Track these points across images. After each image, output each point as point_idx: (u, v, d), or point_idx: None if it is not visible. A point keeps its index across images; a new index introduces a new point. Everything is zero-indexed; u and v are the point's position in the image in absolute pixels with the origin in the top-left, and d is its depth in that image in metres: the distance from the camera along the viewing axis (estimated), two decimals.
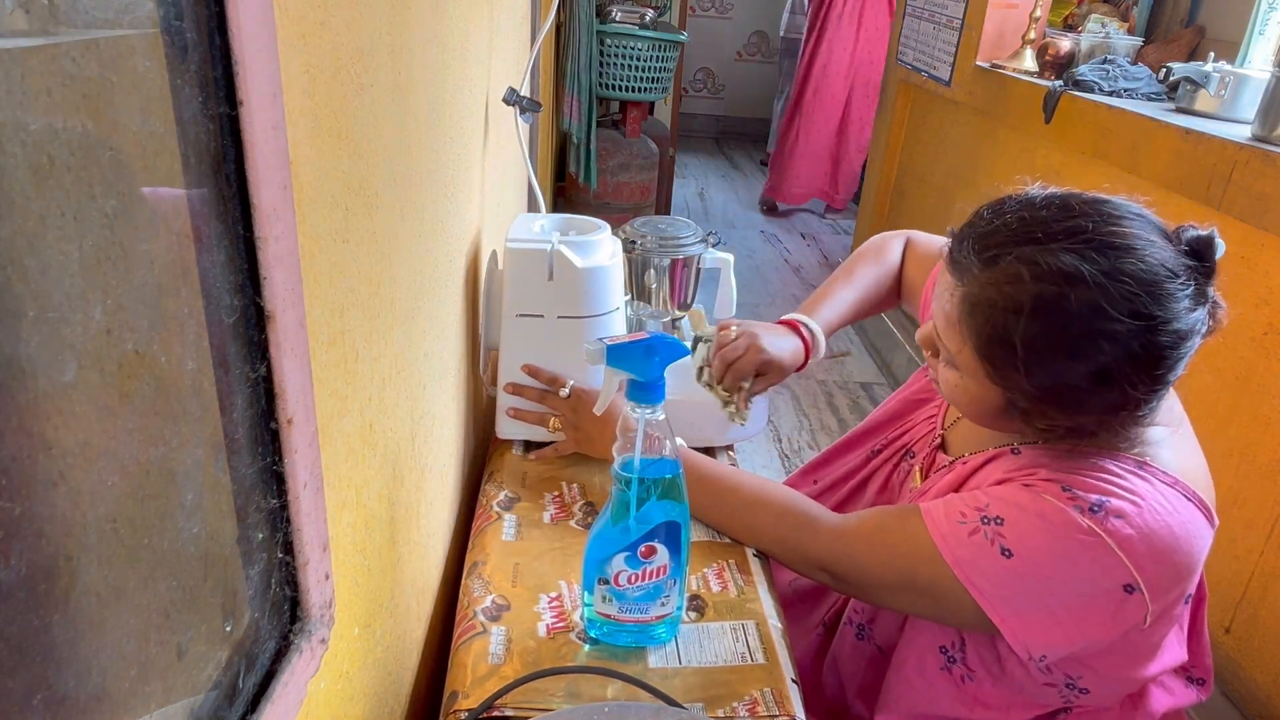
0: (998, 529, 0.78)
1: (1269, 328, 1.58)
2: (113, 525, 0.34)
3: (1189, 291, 0.73)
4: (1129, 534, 0.74)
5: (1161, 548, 0.75)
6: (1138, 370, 0.73)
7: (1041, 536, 0.76)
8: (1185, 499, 0.78)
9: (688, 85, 6.70)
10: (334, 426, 0.57)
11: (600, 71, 3.42)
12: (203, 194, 0.39)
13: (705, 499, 0.98)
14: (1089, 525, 0.74)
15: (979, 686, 0.88)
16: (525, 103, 1.23)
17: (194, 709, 0.41)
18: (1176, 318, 0.72)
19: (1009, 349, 0.75)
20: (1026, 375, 0.75)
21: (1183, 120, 1.86)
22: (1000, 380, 0.78)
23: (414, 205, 0.76)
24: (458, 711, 0.76)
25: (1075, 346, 0.73)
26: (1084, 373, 0.73)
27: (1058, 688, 0.85)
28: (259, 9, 0.39)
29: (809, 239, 4.73)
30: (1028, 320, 0.73)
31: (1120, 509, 0.75)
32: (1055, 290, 0.72)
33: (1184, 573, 0.77)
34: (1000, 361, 0.76)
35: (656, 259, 1.34)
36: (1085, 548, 0.74)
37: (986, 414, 0.83)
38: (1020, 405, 0.79)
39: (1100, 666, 0.83)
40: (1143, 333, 0.71)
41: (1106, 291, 0.71)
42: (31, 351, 0.29)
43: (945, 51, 3.00)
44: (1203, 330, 0.76)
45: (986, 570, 0.78)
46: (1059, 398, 0.76)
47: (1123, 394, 0.74)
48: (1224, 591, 1.67)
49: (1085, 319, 0.71)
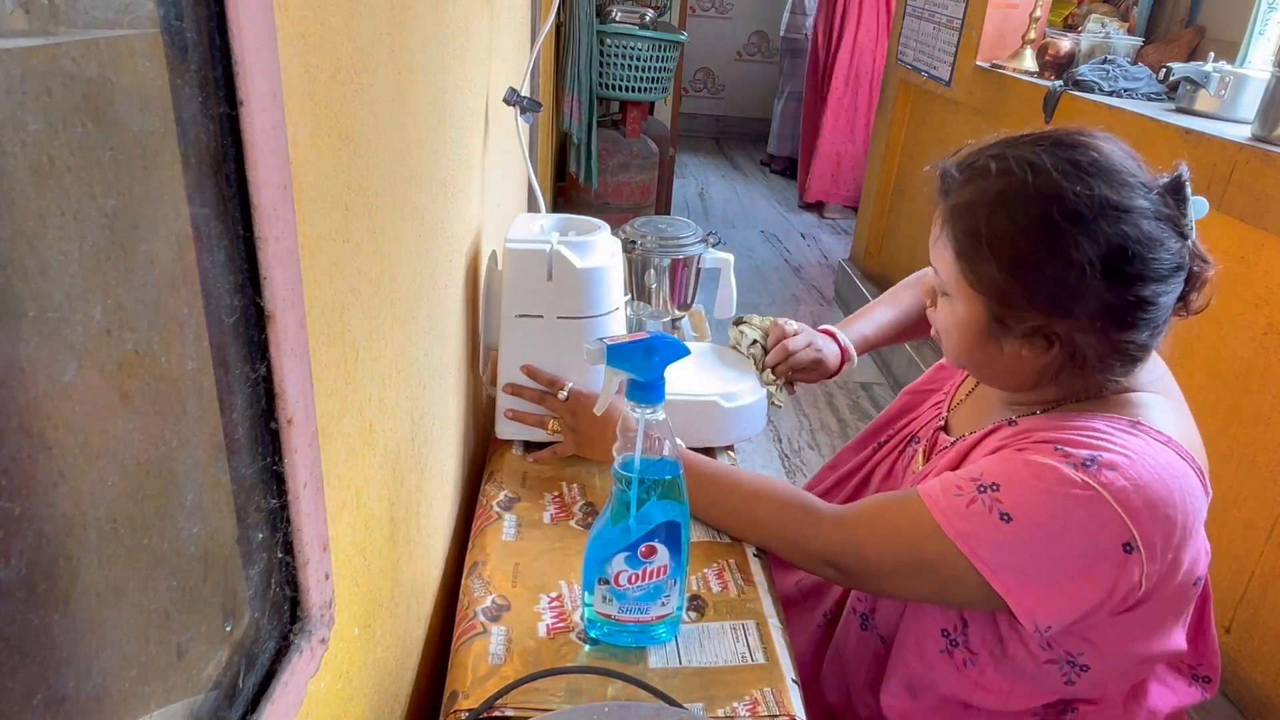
0: (994, 495, 0.78)
1: (1269, 328, 1.59)
2: (113, 525, 0.34)
3: (1155, 200, 0.76)
4: (1123, 485, 0.74)
5: (1156, 500, 0.75)
6: (1109, 270, 0.74)
7: (1037, 496, 0.76)
8: (1179, 457, 0.78)
9: (688, 85, 6.70)
10: (334, 426, 0.57)
11: (600, 71, 3.42)
12: (203, 194, 0.39)
13: (705, 497, 0.98)
14: (1083, 479, 0.75)
15: (980, 671, 0.88)
16: (525, 103, 1.23)
17: (194, 709, 0.41)
18: (1142, 215, 0.74)
19: (978, 239, 0.78)
20: (997, 264, 0.77)
21: (1183, 120, 1.86)
22: (977, 282, 0.80)
23: (414, 205, 0.76)
24: (458, 711, 0.76)
25: (1039, 231, 0.75)
26: (1051, 261, 0.75)
27: (1058, 665, 0.85)
28: (259, 9, 0.39)
29: (809, 239, 4.73)
30: (992, 207, 0.77)
31: (1113, 462, 0.75)
32: (1018, 177, 0.76)
33: (1180, 531, 0.76)
34: (973, 256, 0.79)
35: (656, 259, 1.34)
36: (1081, 503, 0.74)
37: (975, 341, 0.84)
38: (999, 314, 0.80)
39: (1101, 641, 0.83)
40: (1105, 219, 0.74)
41: (1067, 176, 0.74)
42: (31, 351, 0.29)
43: (945, 51, 3.00)
44: (1184, 266, 0.77)
45: (988, 539, 0.78)
46: (1032, 291, 0.77)
47: (1097, 297, 0.75)
48: (1224, 591, 1.67)
49: (1046, 202, 0.75)
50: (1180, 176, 0.79)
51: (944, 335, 0.88)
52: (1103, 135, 0.80)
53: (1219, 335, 1.71)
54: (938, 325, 0.89)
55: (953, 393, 1.05)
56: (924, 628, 0.92)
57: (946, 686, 0.91)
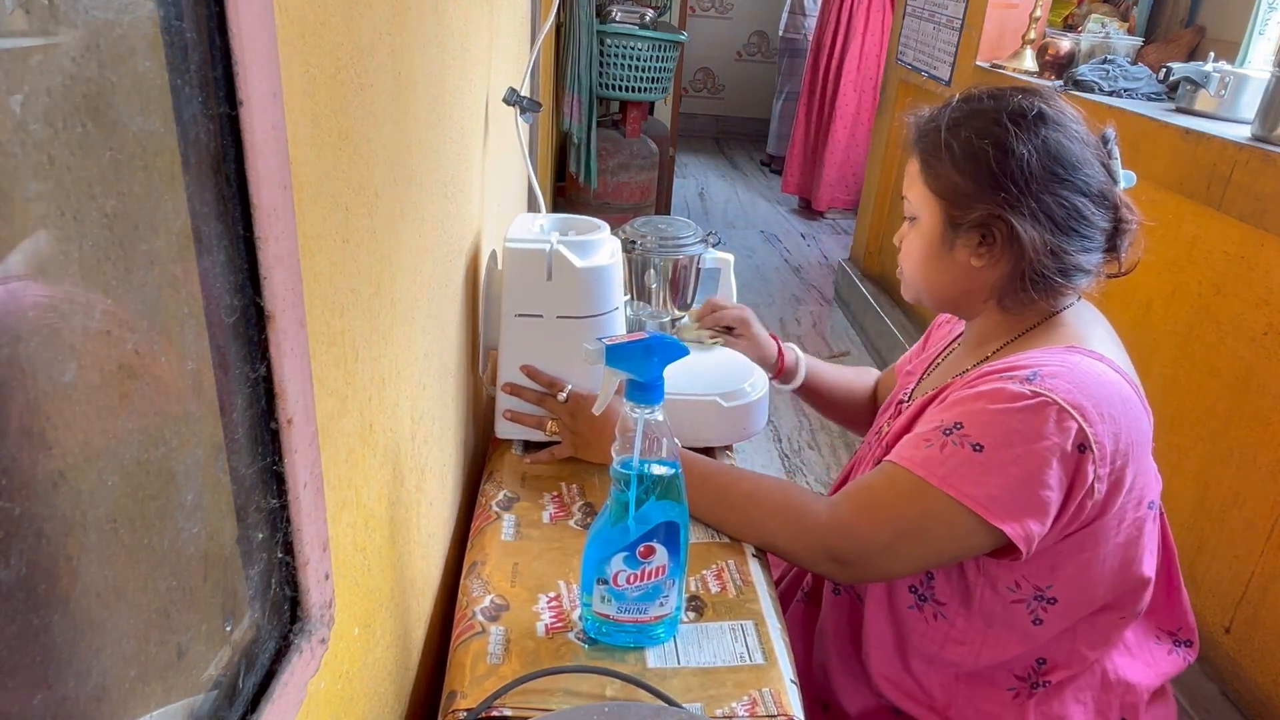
0: (961, 433, 0.84)
1: (1269, 328, 1.59)
2: (113, 525, 0.34)
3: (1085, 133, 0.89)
4: (1067, 388, 0.82)
5: (1099, 398, 0.82)
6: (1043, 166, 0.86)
7: (997, 418, 0.83)
8: (1113, 370, 0.86)
9: (688, 85, 6.70)
10: (334, 426, 0.57)
11: (600, 71, 3.42)
12: (203, 194, 0.39)
13: (701, 497, 0.98)
14: (1030, 390, 0.82)
15: (950, 623, 0.92)
16: (525, 103, 1.23)
17: (194, 709, 0.41)
18: (1073, 137, 0.87)
19: (939, 147, 0.90)
20: (952, 162, 0.89)
21: (1183, 120, 1.86)
22: (935, 184, 0.91)
23: (414, 205, 0.76)
24: (457, 711, 0.76)
25: (987, 131, 0.88)
26: (995, 154, 0.86)
27: (1025, 603, 0.89)
28: (259, 9, 0.39)
29: (809, 239, 4.73)
30: (952, 120, 0.91)
31: (1053, 372, 0.83)
32: (975, 99, 0.91)
33: (1125, 434, 0.83)
34: (934, 162, 0.91)
35: (656, 259, 1.34)
36: (1036, 411, 0.81)
37: (932, 252, 0.93)
38: (952, 215, 0.90)
39: (1067, 565, 0.87)
40: (1044, 126, 0.87)
41: (1013, 96, 0.89)
42: (31, 351, 0.29)
43: (945, 51, 3.00)
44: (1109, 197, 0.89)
45: (968, 474, 0.82)
46: (978, 180, 0.87)
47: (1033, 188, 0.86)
48: (1224, 591, 1.67)
49: (996, 111, 0.89)
50: (1106, 134, 0.92)
51: (906, 257, 0.98)
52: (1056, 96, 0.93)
53: (1219, 335, 1.71)
54: (904, 251, 0.99)
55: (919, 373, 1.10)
56: (894, 585, 0.95)
57: (923, 645, 0.94)
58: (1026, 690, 0.93)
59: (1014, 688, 0.93)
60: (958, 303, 0.98)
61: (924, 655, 0.94)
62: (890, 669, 0.97)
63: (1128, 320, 1.91)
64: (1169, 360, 1.82)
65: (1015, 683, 0.93)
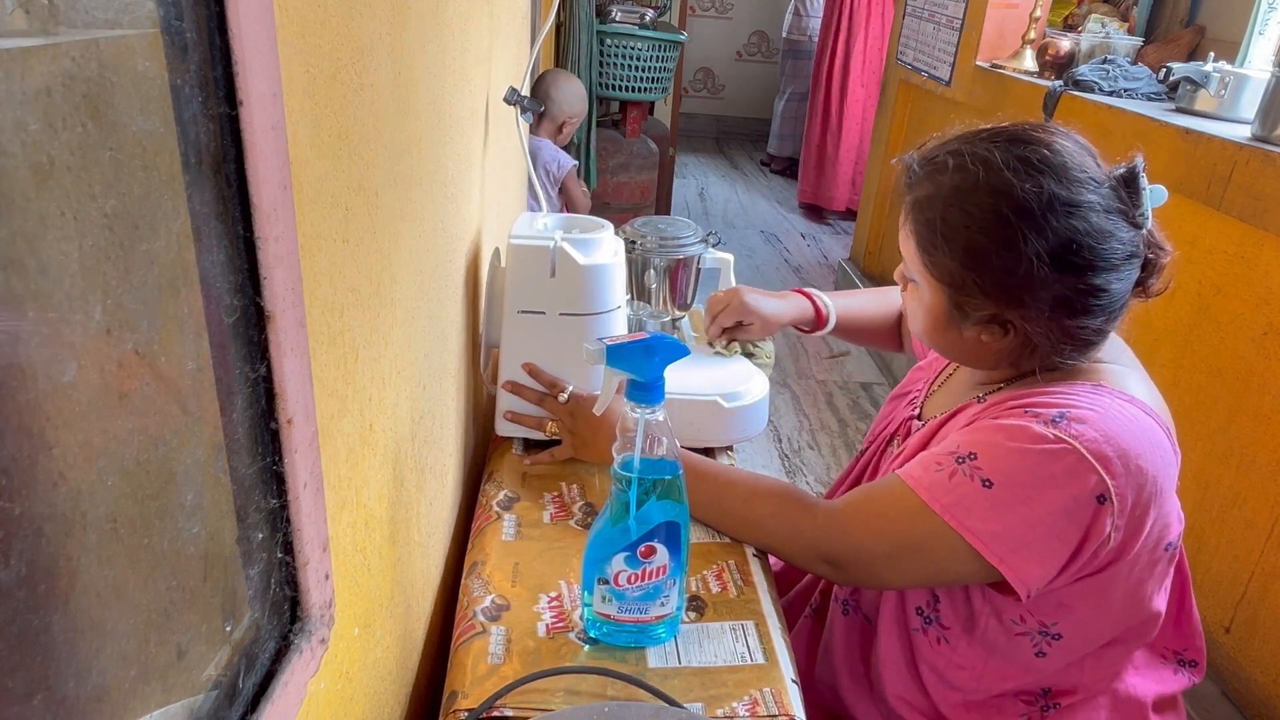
0: (974, 464, 0.80)
1: (1269, 328, 1.59)
2: (113, 525, 0.34)
3: (1106, 195, 0.79)
4: (1094, 436, 0.77)
5: (1126, 450, 0.77)
6: (1058, 262, 0.77)
7: (1014, 456, 0.79)
8: (1144, 414, 0.81)
9: (688, 85, 6.69)
10: (334, 426, 0.57)
11: (600, 71, 3.42)
12: (203, 194, 0.39)
13: (701, 497, 0.98)
14: (1054, 434, 0.78)
15: (953, 648, 0.90)
16: (525, 103, 1.23)
17: (194, 709, 0.41)
18: (1091, 209, 0.77)
19: (935, 231, 0.82)
20: (951, 256, 0.81)
21: (1183, 120, 1.86)
22: (936, 271, 0.84)
23: (414, 205, 0.76)
24: (458, 711, 0.76)
25: (990, 225, 0.79)
26: (1001, 254, 0.78)
27: (1029, 636, 0.87)
28: (259, 9, 0.39)
29: (809, 239, 4.73)
30: (947, 202, 0.81)
31: (1080, 416, 0.78)
32: (971, 173, 0.80)
33: (1150, 485, 0.78)
34: (931, 247, 0.83)
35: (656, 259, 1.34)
36: (1056, 457, 0.77)
37: (938, 325, 0.88)
38: (958, 301, 0.84)
39: (1078, 606, 0.84)
40: (1054, 214, 0.77)
41: (1018, 173, 0.78)
42: (31, 351, 0.29)
43: (945, 51, 3.00)
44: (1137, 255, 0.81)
45: (973, 508, 0.79)
46: (984, 282, 0.81)
47: (1047, 288, 0.78)
48: (1224, 591, 1.67)
49: (996, 197, 0.78)
50: (1134, 168, 0.81)
51: (911, 318, 0.92)
52: (1060, 131, 0.83)
53: (1219, 335, 1.71)
54: (907, 308, 0.94)
55: (926, 387, 1.07)
56: (903, 608, 0.94)
57: (930, 667, 0.92)
58: (1038, 714, 0.91)
59: (1025, 713, 0.92)
60: (969, 362, 0.92)
61: (935, 676, 0.93)
62: (904, 688, 0.96)
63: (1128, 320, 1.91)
64: (1169, 360, 1.81)
65: (1025, 707, 0.92)
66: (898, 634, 0.95)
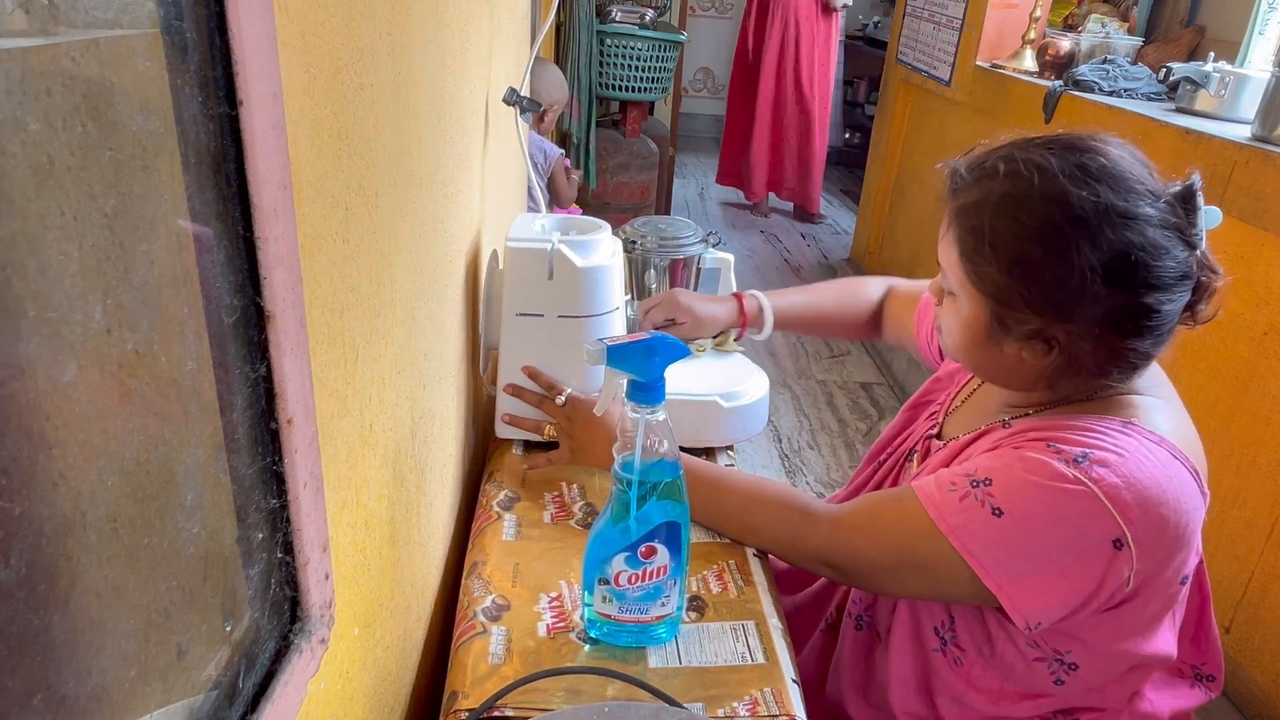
0: (987, 490, 0.78)
1: (1269, 328, 1.58)
2: (113, 525, 0.34)
3: (1163, 209, 0.75)
4: (1114, 482, 0.74)
5: (1147, 498, 0.74)
6: (1111, 276, 0.74)
7: (1029, 491, 0.76)
8: (1173, 458, 0.78)
9: (688, 85, 6.69)
10: (334, 426, 0.57)
11: (600, 71, 3.42)
12: (203, 194, 0.39)
13: (701, 502, 0.97)
14: (1074, 475, 0.75)
15: (969, 669, 0.89)
16: (525, 103, 1.23)
17: (194, 709, 0.41)
18: (1148, 222, 0.74)
19: (982, 239, 0.78)
20: (998, 265, 0.77)
21: (1183, 120, 1.86)
22: (980, 282, 0.80)
23: (414, 205, 0.76)
24: (458, 711, 0.76)
25: (1041, 234, 0.75)
26: (1051, 264, 0.75)
27: (1046, 663, 0.85)
28: (259, 9, 0.39)
29: (809, 239, 4.73)
30: (997, 209, 0.77)
31: (1104, 459, 0.75)
32: (1025, 179, 0.76)
33: (1172, 530, 0.76)
34: (976, 256, 0.79)
35: (656, 259, 1.34)
36: (1072, 498, 0.75)
37: (976, 341, 0.84)
38: (1000, 315, 0.80)
39: (1089, 639, 0.83)
40: (1109, 226, 0.73)
41: (1074, 180, 0.74)
42: (31, 351, 0.29)
43: (945, 51, 3.00)
44: (1190, 275, 0.77)
45: (980, 534, 0.78)
46: (1031, 294, 0.77)
47: (1098, 303, 0.75)
48: (1224, 591, 1.67)
49: (1049, 205, 0.75)
50: (1192, 185, 0.78)
51: (947, 334, 0.89)
52: (1115, 141, 0.80)
53: (1219, 335, 1.71)
54: (942, 323, 0.90)
55: (948, 403, 1.04)
56: (919, 626, 0.92)
57: (947, 686, 0.91)
58: None
59: None
60: (1006, 382, 0.88)
61: (949, 696, 0.92)
62: (915, 706, 0.95)
63: None
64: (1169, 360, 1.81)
65: None
66: (912, 652, 0.94)
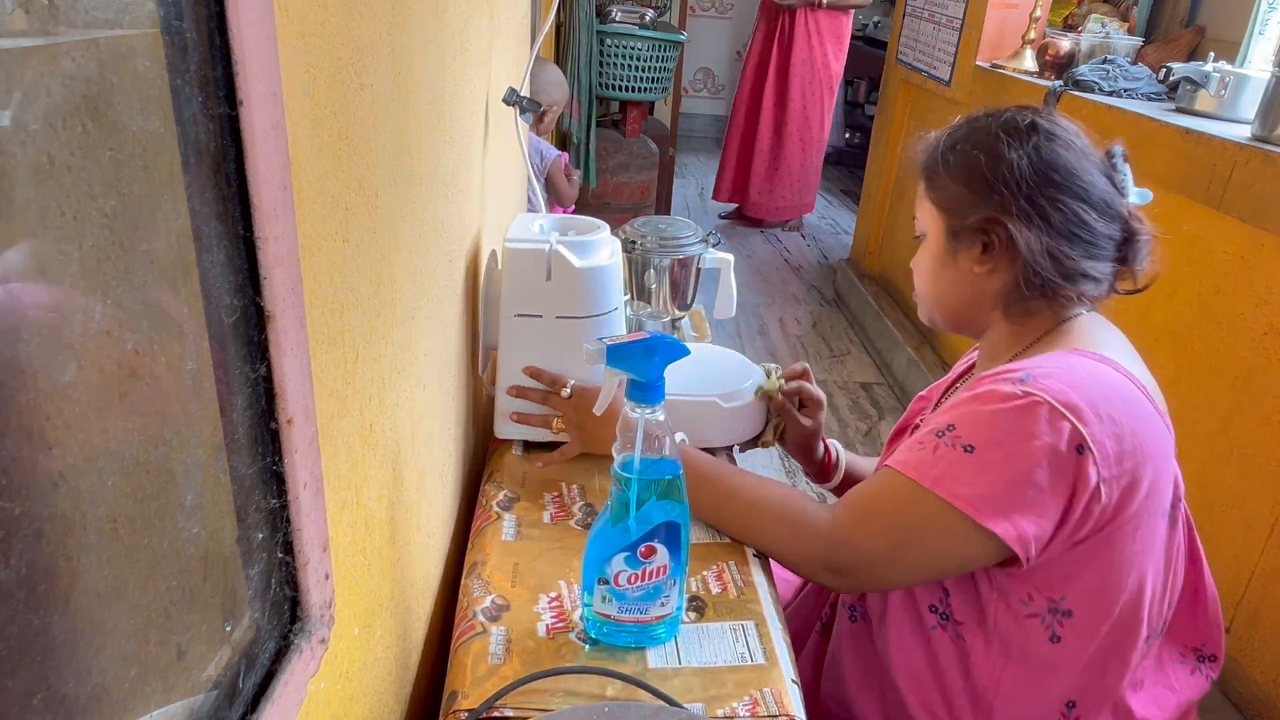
0: (954, 434, 0.84)
1: (1269, 328, 1.59)
2: (113, 525, 0.34)
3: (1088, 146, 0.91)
4: (1059, 388, 0.81)
5: (1094, 399, 0.81)
6: (1037, 170, 0.87)
7: (989, 419, 0.83)
8: (1116, 372, 0.84)
9: (688, 85, 6.69)
10: (334, 426, 0.57)
11: (600, 71, 3.42)
12: (203, 194, 0.39)
13: (705, 500, 0.98)
14: (1023, 390, 0.82)
15: (969, 645, 0.90)
16: (525, 103, 1.23)
17: (194, 709, 0.41)
18: (1068, 146, 0.89)
19: (939, 162, 0.95)
20: (950, 175, 0.93)
21: (1183, 120, 1.86)
22: (937, 197, 0.95)
23: (414, 205, 0.76)
24: (458, 712, 0.76)
25: (984, 143, 0.91)
26: (990, 161, 0.89)
27: (1040, 617, 0.87)
28: (259, 9, 0.39)
29: (809, 239, 4.73)
30: (952, 137, 0.95)
31: (1048, 373, 0.83)
32: (975, 119, 0.95)
33: (1129, 436, 0.81)
34: (935, 176, 0.95)
35: (656, 259, 1.34)
36: (1027, 411, 0.80)
37: (940, 260, 0.96)
38: (953, 226, 0.93)
39: (1081, 573, 0.85)
40: (1038, 137, 0.89)
41: (1003, 115, 0.92)
42: (31, 351, 0.29)
43: (945, 51, 3.00)
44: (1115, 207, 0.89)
45: (960, 476, 0.82)
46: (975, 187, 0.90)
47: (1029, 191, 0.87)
48: (1224, 591, 1.67)
49: (993, 125, 0.92)
50: (1113, 148, 0.93)
51: (919, 276, 1.00)
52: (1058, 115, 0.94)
53: (1219, 335, 1.71)
54: (917, 268, 1.01)
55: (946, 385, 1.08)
56: (915, 607, 0.94)
57: (951, 669, 0.92)
58: None
59: None
60: (966, 314, 0.97)
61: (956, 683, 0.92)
62: (926, 696, 0.94)
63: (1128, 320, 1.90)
64: (1169, 360, 1.81)
65: None
66: (912, 636, 0.94)
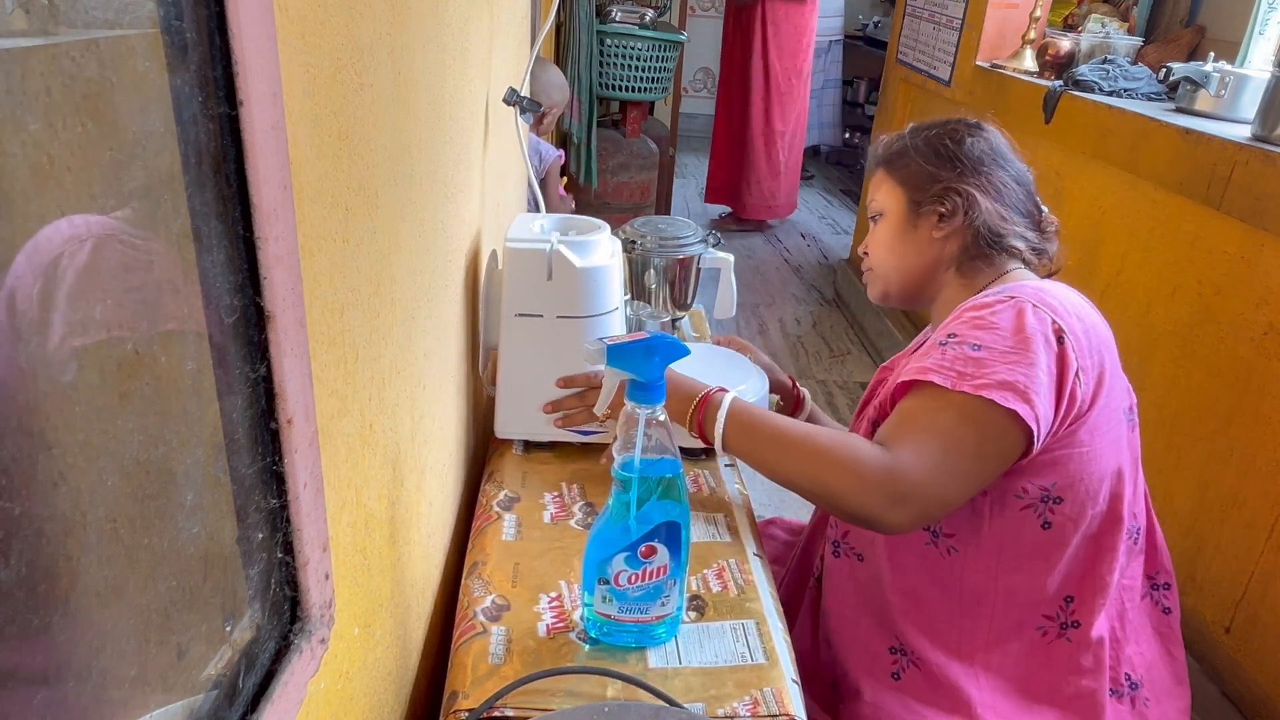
0: (956, 341, 0.93)
1: (1269, 328, 1.58)
2: (113, 525, 0.34)
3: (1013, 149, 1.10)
4: (1032, 291, 0.95)
5: (1061, 299, 0.95)
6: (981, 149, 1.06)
7: (984, 323, 0.93)
8: (1067, 288, 0.99)
9: (688, 85, 6.69)
10: (334, 426, 0.57)
11: (600, 71, 3.42)
12: (203, 194, 0.39)
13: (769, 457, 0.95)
14: (1006, 297, 0.95)
15: (964, 555, 0.97)
16: (525, 103, 1.23)
17: (194, 709, 0.41)
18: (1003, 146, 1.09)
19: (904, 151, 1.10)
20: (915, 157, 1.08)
21: (1183, 120, 1.86)
22: (901, 178, 1.09)
23: (414, 205, 0.76)
24: (458, 711, 0.76)
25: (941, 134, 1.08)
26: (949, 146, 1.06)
27: (1034, 508, 0.95)
28: (259, 9, 0.39)
29: (809, 239, 4.73)
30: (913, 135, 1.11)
31: (1018, 288, 0.97)
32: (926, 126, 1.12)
33: (1094, 337, 0.94)
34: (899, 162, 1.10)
35: (656, 259, 1.34)
36: (1013, 308, 0.93)
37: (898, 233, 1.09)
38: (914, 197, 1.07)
39: (1067, 464, 0.94)
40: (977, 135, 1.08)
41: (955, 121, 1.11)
42: (31, 351, 0.29)
43: (945, 51, 3.00)
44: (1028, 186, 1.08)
45: (976, 370, 0.89)
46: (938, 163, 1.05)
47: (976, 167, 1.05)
48: (1224, 591, 1.67)
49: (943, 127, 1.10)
50: None
51: (874, 246, 1.12)
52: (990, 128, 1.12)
53: (1219, 335, 1.71)
54: (870, 251, 1.13)
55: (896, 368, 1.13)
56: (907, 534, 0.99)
57: (945, 582, 0.98)
58: (1056, 629, 0.98)
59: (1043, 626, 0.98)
60: (923, 278, 1.09)
61: (951, 592, 0.98)
62: (922, 616, 0.99)
63: (1128, 320, 1.91)
64: (1169, 360, 1.81)
65: (1044, 622, 0.98)
66: (904, 558, 1.00)
